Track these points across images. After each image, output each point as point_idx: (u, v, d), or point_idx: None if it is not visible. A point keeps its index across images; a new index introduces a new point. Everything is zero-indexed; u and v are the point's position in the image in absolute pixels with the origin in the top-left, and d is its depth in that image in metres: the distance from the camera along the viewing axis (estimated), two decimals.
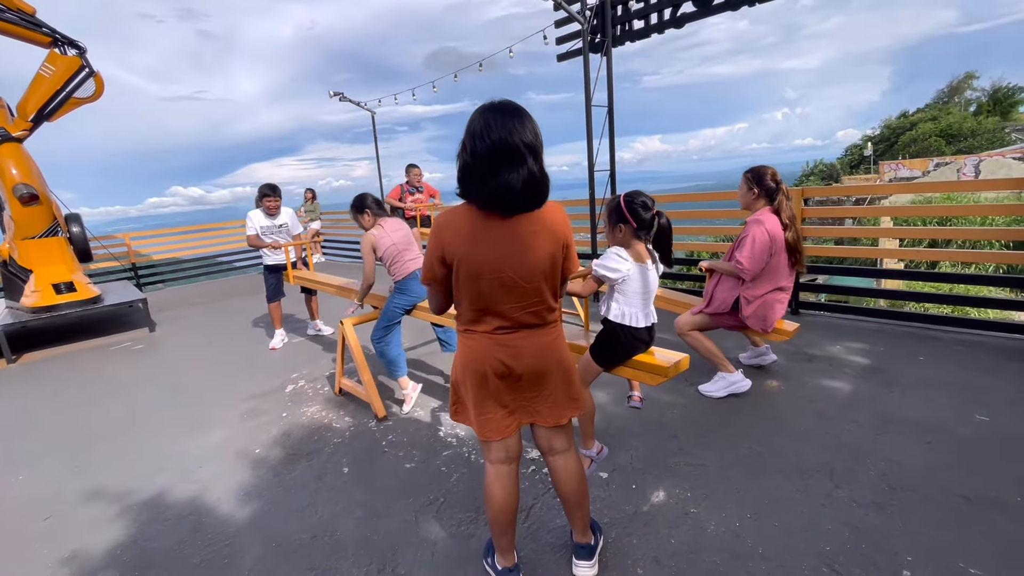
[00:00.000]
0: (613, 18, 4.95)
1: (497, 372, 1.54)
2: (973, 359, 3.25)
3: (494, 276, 1.44)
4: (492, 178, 1.36)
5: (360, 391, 3.36)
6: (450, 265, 1.48)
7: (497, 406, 1.58)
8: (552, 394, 1.59)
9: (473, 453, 2.65)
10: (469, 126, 1.41)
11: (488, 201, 1.40)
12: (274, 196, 4.60)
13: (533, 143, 1.38)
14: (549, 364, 1.57)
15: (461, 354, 1.61)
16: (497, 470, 1.65)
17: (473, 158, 1.38)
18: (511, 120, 1.37)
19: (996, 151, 19.14)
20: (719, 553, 1.83)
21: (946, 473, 2.16)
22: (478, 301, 1.49)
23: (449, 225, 1.46)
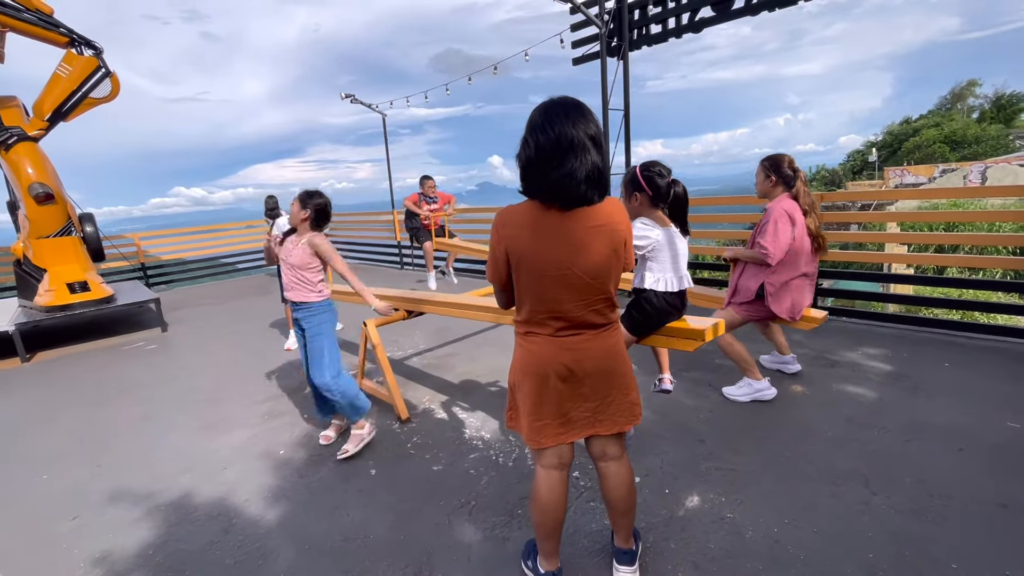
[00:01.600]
0: (630, 22, 4.96)
1: (560, 375, 1.52)
2: (998, 366, 3.24)
3: (559, 273, 1.43)
4: (556, 169, 1.36)
5: (382, 392, 3.35)
6: (512, 263, 1.48)
7: (555, 413, 1.56)
8: (614, 401, 1.58)
9: (501, 456, 2.65)
10: (530, 123, 1.41)
11: (552, 192, 1.39)
12: None
13: (596, 135, 1.39)
14: (613, 368, 1.55)
15: (520, 357, 1.59)
16: (548, 475, 1.63)
17: (537, 152, 1.38)
18: (573, 113, 1.38)
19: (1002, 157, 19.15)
20: (759, 559, 1.82)
21: (981, 480, 2.15)
22: (542, 300, 1.48)
23: (511, 221, 1.46)
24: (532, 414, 1.58)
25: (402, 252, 9.45)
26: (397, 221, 9.19)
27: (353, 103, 8.23)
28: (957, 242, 7.13)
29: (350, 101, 8.18)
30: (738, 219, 5.45)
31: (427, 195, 6.41)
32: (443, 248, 6.17)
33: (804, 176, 2.93)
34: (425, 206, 6.38)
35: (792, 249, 2.83)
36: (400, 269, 9.54)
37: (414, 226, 6.53)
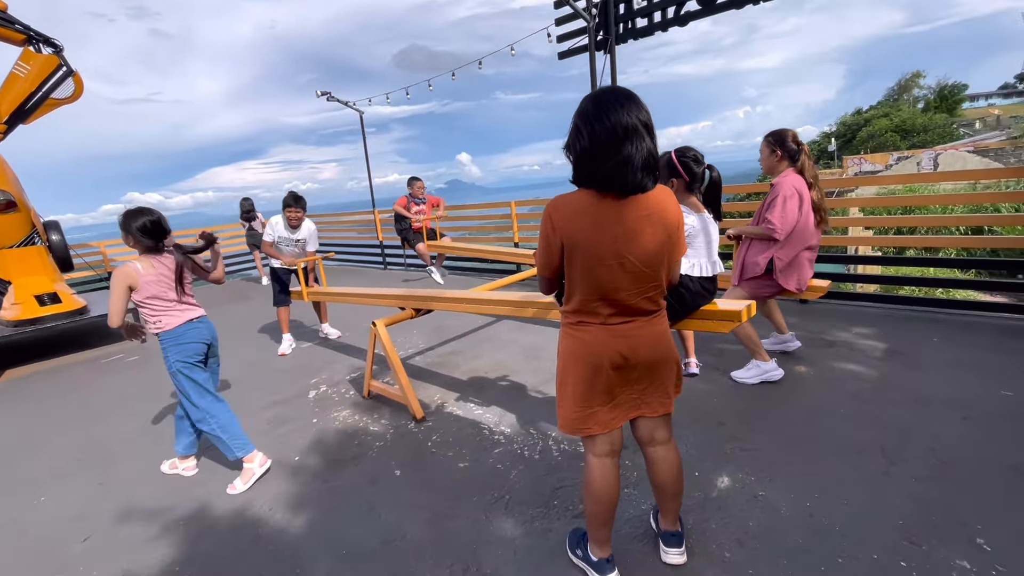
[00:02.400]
0: (616, 16, 5.00)
1: (614, 364, 1.54)
2: (981, 339, 3.43)
3: (614, 261, 1.44)
4: (613, 157, 1.37)
5: (394, 392, 3.30)
6: (566, 251, 1.47)
7: (606, 399, 1.58)
8: (663, 384, 1.61)
9: (525, 449, 2.65)
10: (583, 113, 1.42)
11: (608, 179, 1.39)
12: (297, 207, 4.43)
13: (648, 122, 1.41)
14: (663, 354, 1.58)
15: (570, 346, 1.60)
16: (602, 463, 1.64)
17: (593, 141, 1.39)
18: (628, 101, 1.39)
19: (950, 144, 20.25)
20: (798, 533, 1.88)
21: (989, 447, 2.27)
22: (596, 288, 1.49)
23: (566, 210, 1.45)
24: (582, 402, 1.59)
25: (385, 252, 9.31)
26: (379, 220, 9.05)
27: (329, 100, 8.04)
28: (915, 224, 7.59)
29: (326, 99, 7.98)
30: None
31: (416, 196, 6.34)
32: (435, 249, 6.12)
33: (808, 149, 3.02)
34: (414, 207, 6.31)
35: (799, 224, 2.91)
36: (383, 269, 9.40)
37: (404, 228, 6.44)
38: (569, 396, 1.62)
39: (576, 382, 1.59)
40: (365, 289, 3.87)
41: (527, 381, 3.52)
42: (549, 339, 4.28)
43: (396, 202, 6.40)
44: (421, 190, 6.38)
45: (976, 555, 1.70)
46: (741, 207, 9.68)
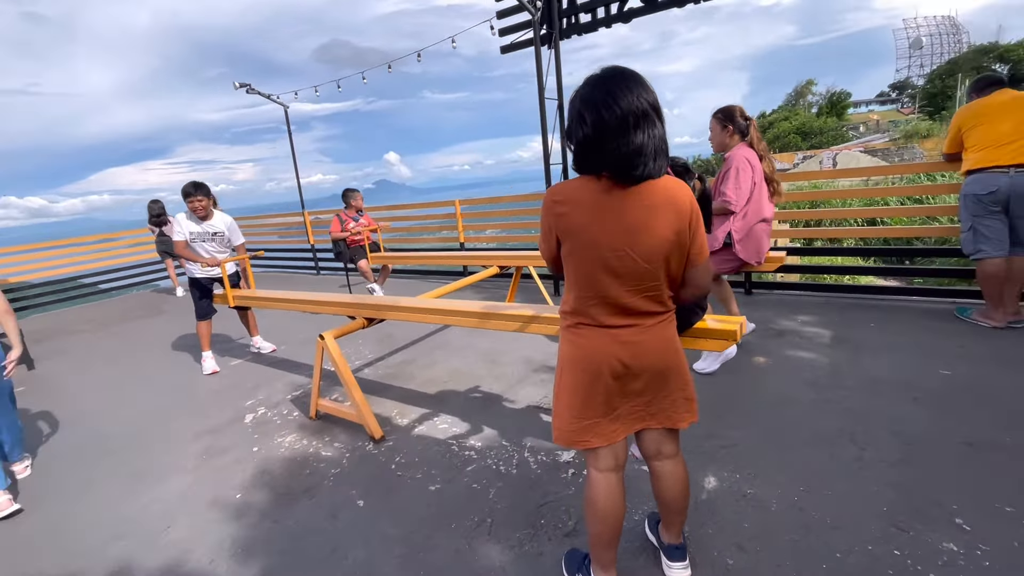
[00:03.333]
0: (559, 10, 4.93)
1: (614, 372, 1.41)
2: (912, 322, 3.70)
3: (611, 253, 1.32)
4: (623, 143, 1.26)
5: (346, 411, 3.00)
6: (561, 242, 1.38)
7: (605, 410, 1.45)
8: (670, 394, 1.49)
9: (501, 464, 2.47)
10: (585, 98, 1.30)
11: (617, 165, 1.28)
12: (198, 195, 3.93)
13: (657, 104, 1.30)
14: (670, 364, 1.46)
15: (567, 353, 1.47)
16: (606, 478, 1.51)
17: (598, 128, 1.27)
18: (635, 84, 1.28)
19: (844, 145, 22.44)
20: (793, 529, 1.86)
21: (942, 424, 2.40)
22: (592, 284, 1.37)
23: (564, 198, 1.34)
24: (578, 413, 1.46)
25: (316, 256, 8.72)
26: (309, 223, 8.45)
27: (250, 93, 7.36)
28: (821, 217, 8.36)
29: (246, 91, 7.30)
30: None
31: (357, 207, 5.90)
32: (380, 262, 5.69)
33: (755, 123, 3.10)
34: (351, 223, 5.86)
35: (753, 196, 2.99)
36: (316, 275, 8.80)
37: (340, 251, 5.94)
38: (565, 406, 1.48)
39: (573, 391, 1.46)
40: (308, 295, 3.51)
41: (491, 388, 3.35)
42: (507, 343, 4.12)
43: (331, 229, 5.92)
44: (360, 201, 5.95)
45: (959, 536, 1.75)
46: None
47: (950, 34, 72.27)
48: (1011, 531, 1.75)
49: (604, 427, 1.47)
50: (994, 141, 3.15)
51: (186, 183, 3.96)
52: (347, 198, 5.95)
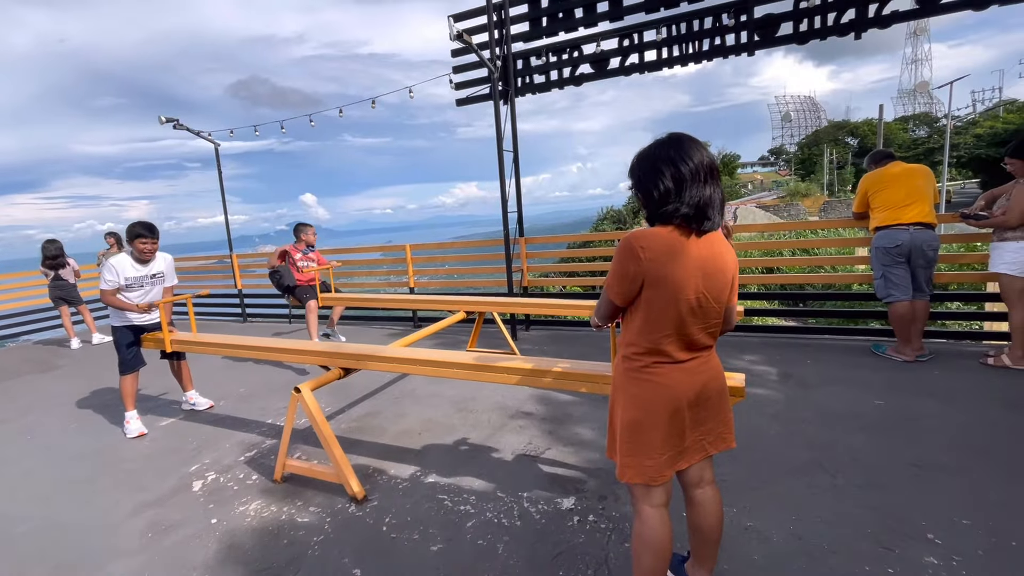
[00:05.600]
0: (515, 71, 5.24)
1: (689, 402, 1.53)
2: (841, 358, 4.17)
3: (693, 296, 1.45)
4: (699, 195, 1.42)
5: (321, 471, 2.77)
6: (647, 286, 1.46)
7: (678, 443, 1.54)
8: (725, 418, 1.63)
9: (502, 516, 2.40)
10: (660, 155, 1.47)
11: (692, 217, 1.43)
12: (152, 237, 3.59)
13: (716, 165, 1.49)
14: (724, 387, 1.62)
15: (642, 391, 1.53)
16: (660, 514, 1.58)
17: (676, 181, 1.43)
18: (701, 147, 1.48)
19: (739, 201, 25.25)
20: (799, 558, 1.98)
21: (889, 450, 2.70)
22: (671, 323, 1.47)
23: (652, 245, 1.44)
24: (659, 450, 1.53)
25: (244, 302, 8.09)
26: (236, 266, 7.88)
27: (177, 128, 6.88)
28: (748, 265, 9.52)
29: (173, 127, 6.82)
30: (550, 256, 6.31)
31: (307, 242, 5.44)
32: (331, 303, 5.26)
33: (731, 222, 3.43)
34: (302, 258, 5.41)
35: None
36: (243, 321, 8.14)
37: (289, 285, 5.28)
38: (644, 444, 1.54)
39: (652, 428, 1.53)
40: (273, 341, 3.25)
41: (470, 438, 3.26)
42: (474, 390, 4.06)
43: (278, 259, 5.37)
44: (312, 236, 5.54)
45: (935, 550, 1.96)
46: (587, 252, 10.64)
47: (811, 111, 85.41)
48: (973, 541, 1.99)
49: (672, 460, 1.55)
50: (895, 204, 3.75)
51: (134, 223, 3.59)
52: (299, 232, 5.44)
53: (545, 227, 46.99)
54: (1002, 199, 3.56)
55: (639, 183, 1.51)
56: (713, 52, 4.51)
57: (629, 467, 1.56)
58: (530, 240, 5.70)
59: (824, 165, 49.49)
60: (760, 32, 4.32)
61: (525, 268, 5.63)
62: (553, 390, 3.91)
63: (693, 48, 4.56)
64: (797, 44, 4.27)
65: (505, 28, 5.10)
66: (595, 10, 4.82)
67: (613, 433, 1.66)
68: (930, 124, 54.37)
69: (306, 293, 5.23)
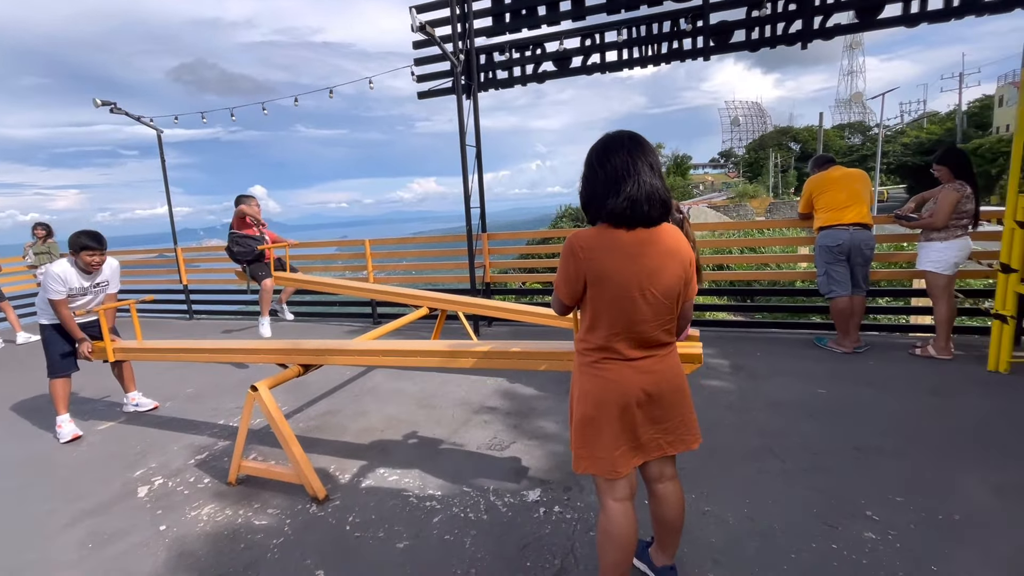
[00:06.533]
0: (477, 66, 5.22)
1: (639, 400, 1.54)
2: (786, 350, 4.40)
3: (638, 292, 1.48)
4: (624, 191, 1.45)
5: (279, 471, 2.67)
6: (590, 284, 1.49)
7: (631, 439, 1.57)
8: (684, 419, 1.64)
9: (468, 510, 2.40)
10: (591, 158, 1.54)
11: (620, 212, 1.45)
12: (100, 248, 3.36)
13: (653, 163, 1.51)
14: (682, 387, 1.63)
15: (594, 387, 1.55)
16: (624, 507, 1.60)
17: (599, 182, 1.49)
18: (628, 144, 1.50)
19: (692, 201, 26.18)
20: (754, 538, 2.08)
21: (833, 435, 2.88)
22: (619, 320, 1.50)
23: (589, 244, 1.48)
24: (611, 445, 1.56)
25: (190, 298, 7.68)
26: (182, 260, 7.47)
27: (114, 112, 6.42)
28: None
29: (110, 110, 6.36)
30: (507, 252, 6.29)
31: (256, 218, 5.09)
32: (285, 283, 5.07)
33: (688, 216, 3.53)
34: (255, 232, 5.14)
35: None
36: (189, 319, 7.72)
37: (246, 252, 4.93)
38: (595, 438, 1.56)
39: (603, 425, 1.55)
40: (224, 342, 3.11)
41: (434, 434, 3.24)
42: (437, 386, 4.03)
43: (240, 217, 4.94)
44: (258, 207, 5.12)
45: (873, 526, 2.12)
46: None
47: (758, 116, 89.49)
48: (906, 516, 2.16)
49: (629, 456, 1.58)
50: (836, 205, 4.00)
51: (79, 233, 3.34)
52: (241, 202, 4.98)
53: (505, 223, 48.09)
54: (930, 203, 3.87)
55: (580, 186, 1.57)
56: (671, 55, 4.65)
57: (582, 459, 1.60)
58: (493, 236, 5.69)
59: (770, 168, 52.04)
60: (715, 38, 4.49)
61: (488, 264, 5.63)
62: (517, 385, 3.94)
63: (652, 51, 4.68)
64: (749, 51, 4.47)
65: (468, 22, 5.06)
66: (558, 8, 4.86)
67: (571, 424, 1.69)
68: (863, 132, 58.21)
69: (261, 270, 4.99)
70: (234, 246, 5.03)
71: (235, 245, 5.02)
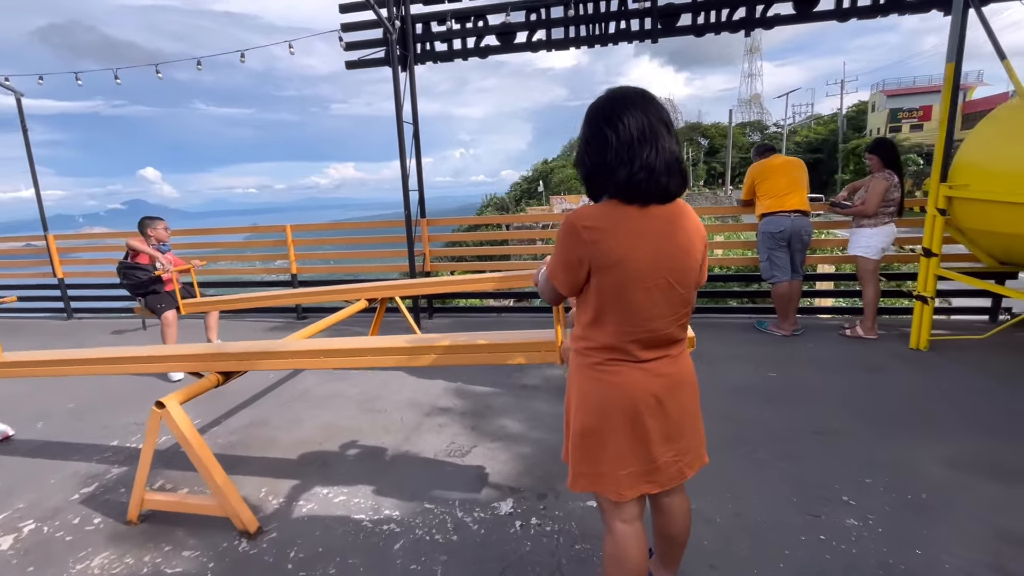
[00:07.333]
0: (414, 36, 4.79)
1: (650, 410, 1.31)
2: (733, 335, 4.49)
3: (654, 281, 1.25)
4: (630, 163, 1.20)
5: (197, 503, 2.21)
6: (594, 271, 1.25)
7: (644, 458, 1.34)
8: (695, 431, 1.45)
9: (435, 531, 2.10)
10: (593, 119, 1.27)
11: (629, 187, 1.21)
12: None
13: (668, 121, 1.26)
14: (694, 395, 1.43)
15: (596, 392, 1.32)
16: (634, 529, 1.39)
17: (605, 148, 1.23)
18: (640, 101, 1.25)
19: None
20: (743, 538, 1.99)
21: (792, 418, 2.91)
22: (631, 316, 1.26)
23: (598, 223, 1.22)
24: (616, 462, 1.33)
25: (67, 295, 6.53)
26: (54, 249, 6.31)
27: None
28: None
29: None
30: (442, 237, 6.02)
31: (161, 241, 4.34)
32: (199, 310, 4.26)
33: None
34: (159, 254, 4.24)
35: None
36: (67, 319, 6.56)
37: (143, 282, 4.20)
38: (598, 452, 1.34)
39: (608, 438, 1.33)
40: (120, 350, 2.52)
41: (381, 442, 2.88)
42: (379, 387, 3.65)
43: (136, 242, 4.18)
44: (163, 232, 4.37)
45: (853, 511, 2.10)
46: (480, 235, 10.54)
47: (672, 111, 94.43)
48: (878, 498, 2.17)
49: (641, 478, 1.36)
50: (778, 192, 4.09)
51: None
52: (145, 227, 4.33)
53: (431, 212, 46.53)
54: (861, 191, 4.07)
55: (576, 158, 1.31)
56: (618, 36, 4.53)
57: (582, 476, 1.38)
58: (432, 222, 5.31)
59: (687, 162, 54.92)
60: (662, 20, 4.42)
61: (428, 252, 5.24)
62: (469, 381, 3.66)
63: (600, 29, 4.52)
64: (695, 36, 4.45)
65: None
66: None
67: (567, 434, 1.46)
68: (762, 131, 63.41)
69: (160, 302, 4.19)
70: (123, 279, 4.29)
71: (124, 279, 4.29)
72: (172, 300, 4.19)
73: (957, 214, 3.62)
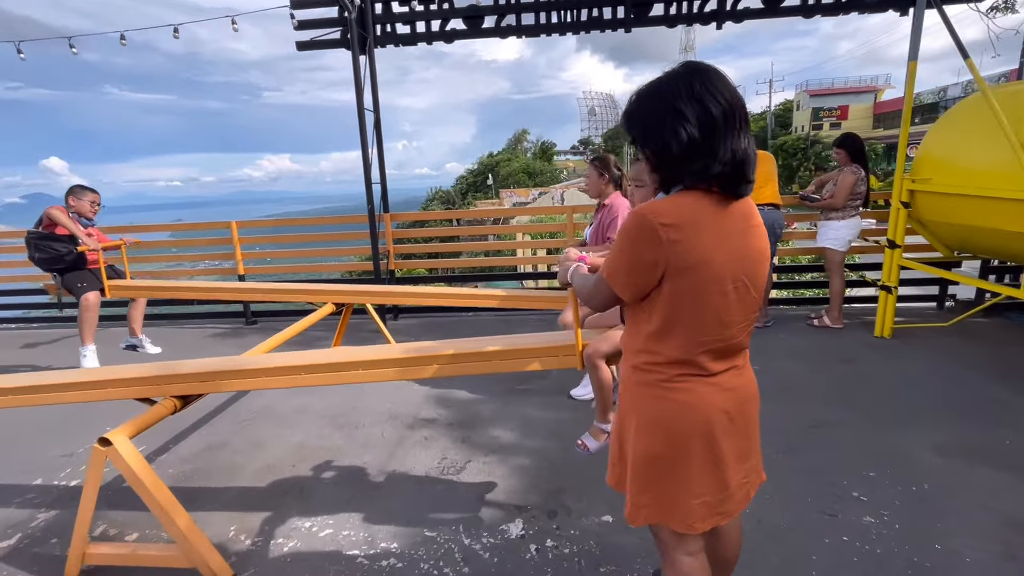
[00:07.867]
0: (373, 16, 4.43)
1: (724, 430, 1.17)
2: None
3: (731, 284, 1.11)
4: (729, 147, 1.05)
5: (154, 553, 1.87)
6: (670, 275, 1.08)
7: (718, 485, 1.19)
8: (757, 447, 1.32)
9: (443, 565, 1.88)
10: (684, 92, 1.07)
11: (732, 173, 1.07)
12: None
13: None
14: (758, 407, 1.30)
15: (664, 414, 1.16)
16: (700, 562, 1.26)
17: (705, 127, 1.05)
18: (728, 80, 1.09)
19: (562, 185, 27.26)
20: (767, 544, 1.91)
21: (786, 411, 2.89)
22: (707, 324, 1.11)
23: (679, 219, 1.05)
24: (686, 491, 1.18)
25: None
26: None
27: None
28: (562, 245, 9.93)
29: None
30: None
31: (83, 215, 3.78)
32: (128, 295, 3.75)
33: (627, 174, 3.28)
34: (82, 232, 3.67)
35: None
36: None
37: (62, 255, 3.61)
38: (661, 479, 1.19)
39: (680, 461, 1.18)
40: (48, 377, 2.10)
41: (363, 462, 2.61)
42: (352, 399, 3.35)
43: (54, 209, 3.57)
44: (96, 206, 3.83)
45: (866, 508, 2.09)
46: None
47: (611, 107, 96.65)
48: (887, 493, 2.18)
49: (713, 508, 1.21)
50: None
51: None
52: (73, 195, 3.73)
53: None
54: (829, 184, 4.18)
55: (646, 133, 1.12)
56: (591, 24, 4.40)
57: (644, 507, 1.22)
58: (397, 216, 4.99)
59: (624, 157, 56.59)
60: (635, 10, 4.33)
61: (392, 250, 4.92)
62: (450, 388, 3.43)
63: (572, 16, 4.37)
64: (667, 27, 4.40)
65: None
66: None
67: (622, 458, 1.29)
68: None
69: (82, 281, 3.66)
70: (35, 252, 3.66)
71: (36, 251, 3.65)
72: (96, 280, 3.66)
73: (919, 207, 3.78)
